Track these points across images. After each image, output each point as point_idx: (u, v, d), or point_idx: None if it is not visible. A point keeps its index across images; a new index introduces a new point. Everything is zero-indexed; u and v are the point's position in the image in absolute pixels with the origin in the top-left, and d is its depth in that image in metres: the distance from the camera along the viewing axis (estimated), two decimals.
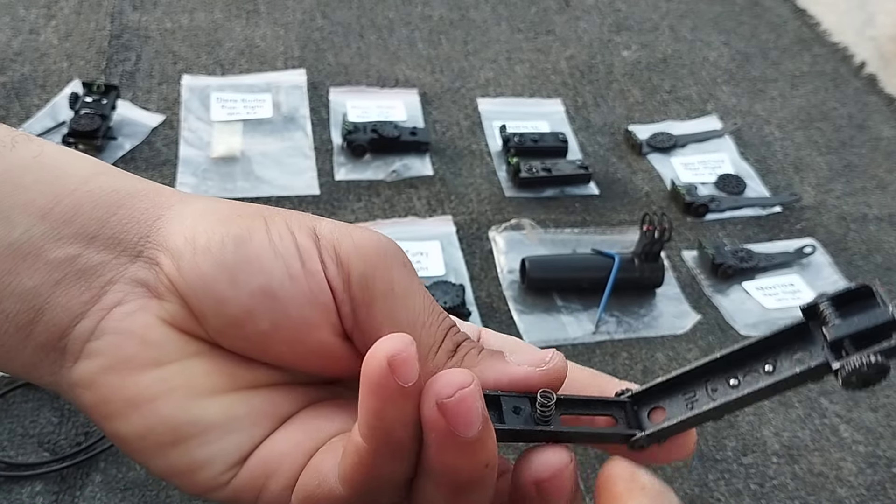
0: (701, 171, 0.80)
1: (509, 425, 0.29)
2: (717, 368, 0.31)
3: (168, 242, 0.32)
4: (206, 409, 0.32)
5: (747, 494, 0.54)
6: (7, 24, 0.86)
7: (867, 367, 0.27)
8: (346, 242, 0.32)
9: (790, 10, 1.05)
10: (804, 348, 0.29)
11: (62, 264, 0.31)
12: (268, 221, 0.32)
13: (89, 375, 0.31)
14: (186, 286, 0.31)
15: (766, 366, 0.30)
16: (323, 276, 0.31)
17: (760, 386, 0.29)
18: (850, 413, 0.60)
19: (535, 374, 0.31)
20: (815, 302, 0.29)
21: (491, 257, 0.69)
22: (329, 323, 0.32)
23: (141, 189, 0.33)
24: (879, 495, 0.55)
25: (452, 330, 0.33)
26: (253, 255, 0.31)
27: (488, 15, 0.98)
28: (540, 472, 0.29)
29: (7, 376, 0.54)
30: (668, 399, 0.32)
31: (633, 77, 0.91)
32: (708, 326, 0.65)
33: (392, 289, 0.32)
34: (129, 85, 0.81)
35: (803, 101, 0.90)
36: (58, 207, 0.31)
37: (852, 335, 0.27)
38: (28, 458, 0.50)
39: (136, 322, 0.31)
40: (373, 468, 0.29)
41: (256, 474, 0.32)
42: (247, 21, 0.92)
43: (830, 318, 0.28)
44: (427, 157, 0.77)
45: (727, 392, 0.30)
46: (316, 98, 0.82)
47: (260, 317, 0.31)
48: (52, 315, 0.31)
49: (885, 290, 0.28)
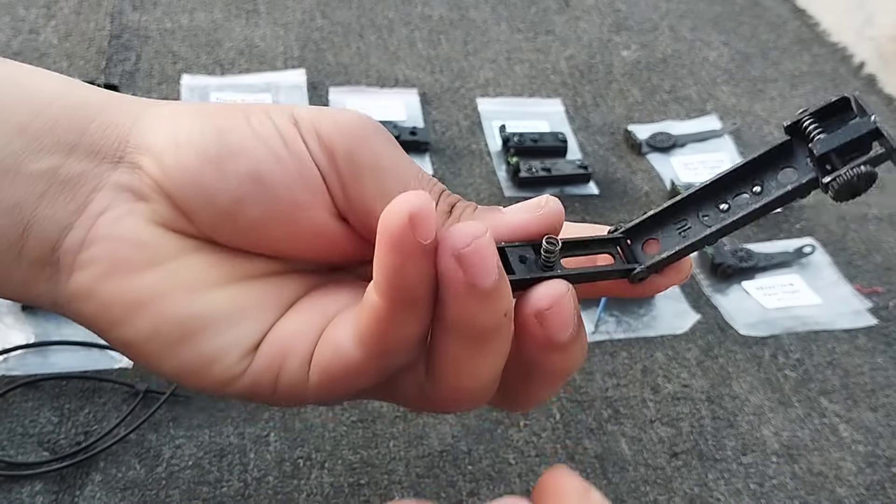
0: (701, 170, 0.80)
1: (519, 275, 0.30)
2: (706, 195, 0.31)
3: (148, 143, 0.32)
4: (210, 302, 0.32)
5: (747, 494, 0.54)
6: (7, 23, 0.87)
7: (857, 178, 0.28)
8: (325, 122, 0.32)
9: (790, 10, 1.05)
10: (790, 165, 0.30)
11: (44, 176, 0.31)
12: (245, 111, 0.32)
13: (87, 286, 0.31)
14: (172, 183, 0.31)
15: (754, 187, 0.30)
16: (308, 156, 0.31)
17: (752, 207, 0.29)
18: (849, 413, 0.60)
19: (533, 219, 0.31)
20: (797, 118, 0.29)
21: None
22: (321, 202, 0.32)
23: (115, 98, 0.33)
24: (879, 495, 0.55)
25: (445, 193, 0.34)
26: (236, 144, 0.31)
27: (488, 15, 0.98)
28: (541, 303, 0.30)
29: (7, 376, 0.54)
30: (660, 230, 0.32)
31: (633, 77, 0.91)
32: (707, 326, 0.65)
33: (378, 161, 0.32)
34: (128, 85, 0.81)
35: (803, 101, 0.90)
36: (36, 121, 0.31)
37: (837, 148, 0.28)
38: (28, 457, 0.50)
39: (126, 226, 0.31)
40: (391, 326, 0.29)
41: (272, 357, 0.32)
42: (246, 21, 0.92)
43: (815, 134, 0.28)
44: (427, 157, 0.77)
45: (718, 217, 0.31)
46: (316, 98, 0.82)
47: (250, 204, 0.31)
48: (40, 228, 0.31)
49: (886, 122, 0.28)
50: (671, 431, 0.57)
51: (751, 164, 0.30)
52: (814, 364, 0.63)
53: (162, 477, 0.50)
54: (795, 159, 0.30)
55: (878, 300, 0.69)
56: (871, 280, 0.71)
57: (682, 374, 0.61)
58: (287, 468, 0.51)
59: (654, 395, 0.59)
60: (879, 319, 0.67)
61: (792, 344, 0.64)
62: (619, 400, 0.59)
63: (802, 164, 0.29)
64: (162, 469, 0.50)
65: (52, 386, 0.54)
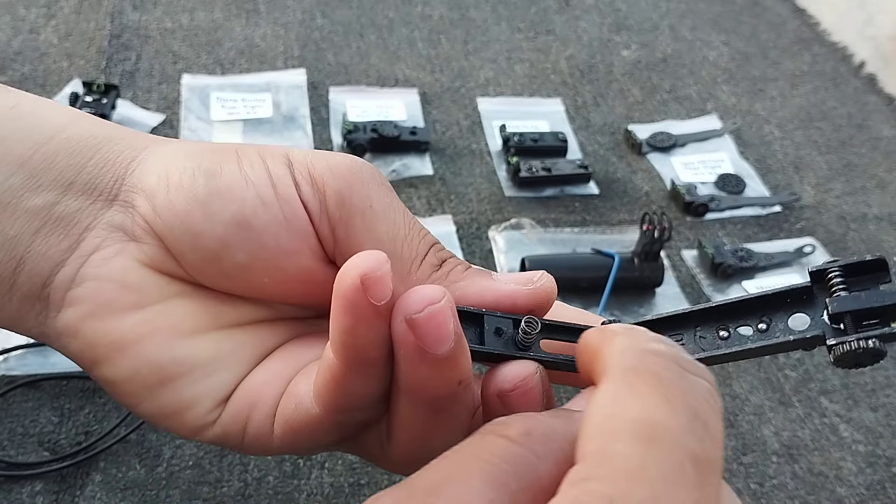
0: (701, 170, 0.80)
1: (488, 347, 0.29)
2: (710, 315, 0.30)
3: (143, 183, 0.32)
4: (191, 349, 0.32)
5: (747, 494, 0.54)
6: (7, 23, 0.86)
7: (862, 350, 0.26)
8: (319, 164, 0.32)
9: (790, 10, 1.05)
10: (803, 311, 0.28)
11: (40, 212, 0.31)
12: (239, 153, 0.32)
13: (73, 323, 0.31)
14: (162, 225, 0.31)
15: (760, 323, 0.29)
16: (298, 200, 0.31)
17: (749, 346, 0.28)
18: (849, 412, 0.60)
19: (522, 293, 0.30)
20: (824, 266, 0.28)
21: (491, 257, 0.69)
22: (308, 247, 0.31)
23: (117, 134, 0.33)
24: (879, 495, 0.55)
25: (437, 246, 0.32)
26: (224, 186, 0.31)
27: (488, 15, 0.98)
28: (503, 384, 0.29)
29: (8, 376, 0.54)
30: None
31: (633, 77, 0.91)
32: None
33: (370, 205, 0.31)
34: (129, 84, 0.81)
35: (803, 101, 0.90)
36: (36, 155, 0.31)
37: (855, 311, 0.26)
38: (28, 457, 0.50)
39: (115, 266, 0.31)
40: (345, 385, 0.29)
41: (241, 408, 0.32)
42: (247, 20, 0.92)
43: (837, 288, 0.27)
44: (427, 157, 0.77)
45: (715, 342, 0.29)
46: (316, 97, 0.82)
47: (235, 248, 0.31)
48: (33, 264, 0.31)
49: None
50: None
51: (764, 298, 0.29)
52: (814, 364, 0.63)
53: (162, 477, 0.50)
54: (811, 307, 0.28)
55: None
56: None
57: None
58: (287, 468, 0.51)
59: None
60: None
61: None
62: None
63: (817, 315, 0.27)
64: (162, 469, 0.50)
65: (53, 386, 0.54)
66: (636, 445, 0.21)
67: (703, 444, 0.21)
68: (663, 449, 0.21)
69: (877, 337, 0.25)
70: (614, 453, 0.21)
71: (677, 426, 0.21)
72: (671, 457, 0.20)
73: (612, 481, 0.20)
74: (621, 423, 0.21)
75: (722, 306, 0.29)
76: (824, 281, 0.27)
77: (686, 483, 0.20)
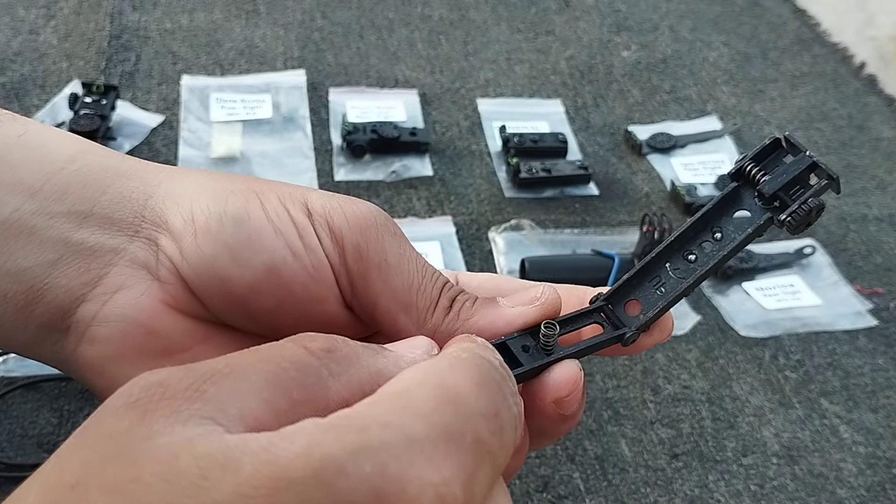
0: (701, 171, 0.80)
1: (526, 366, 0.31)
2: (672, 250, 0.33)
3: (167, 223, 0.32)
4: None
5: (747, 495, 0.54)
6: (7, 24, 0.86)
7: (809, 210, 0.30)
8: (337, 216, 0.32)
9: (790, 11, 1.05)
10: (742, 208, 0.32)
11: (57, 244, 0.31)
12: (261, 197, 0.32)
13: (98, 361, 0.31)
14: (189, 268, 0.31)
15: (714, 234, 0.33)
16: (321, 251, 0.32)
17: (719, 253, 0.32)
18: (850, 414, 0.60)
19: (531, 312, 0.32)
20: (739, 166, 0.32)
21: (490, 258, 0.69)
22: (332, 295, 0.32)
23: (129, 167, 0.33)
24: (879, 496, 0.55)
25: (447, 286, 0.34)
26: (254, 234, 0.31)
27: (488, 15, 0.98)
28: (558, 392, 0.31)
29: (7, 377, 0.54)
30: (637, 291, 0.34)
31: (633, 77, 0.91)
32: (708, 327, 0.65)
33: (385, 258, 0.32)
34: (128, 85, 0.81)
35: (803, 102, 0.90)
36: (47, 185, 0.31)
37: (783, 187, 0.31)
38: (27, 458, 0.50)
39: (142, 309, 0.31)
40: None
41: None
42: (246, 21, 0.92)
43: (759, 177, 0.31)
44: (427, 158, 0.77)
45: (689, 268, 0.33)
46: (315, 98, 0.82)
47: (265, 295, 0.31)
48: (52, 296, 0.31)
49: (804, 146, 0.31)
50: (671, 433, 0.57)
51: (706, 214, 0.32)
52: (814, 365, 0.63)
53: None
54: (745, 202, 0.32)
55: (879, 301, 0.69)
56: (872, 281, 0.71)
57: (683, 376, 0.61)
58: None
59: (655, 396, 0.59)
60: (880, 320, 0.67)
61: (792, 345, 0.64)
62: (619, 401, 0.59)
63: (754, 206, 0.32)
64: None
65: (52, 387, 0.54)
66: (436, 400, 0.22)
67: (492, 438, 0.23)
68: (456, 415, 0.22)
69: (813, 195, 0.30)
70: (413, 396, 0.22)
71: (476, 408, 0.23)
72: (459, 423, 0.22)
73: (398, 413, 0.22)
74: (432, 381, 0.23)
75: (677, 238, 0.33)
76: (745, 177, 0.32)
77: (460, 451, 0.22)
